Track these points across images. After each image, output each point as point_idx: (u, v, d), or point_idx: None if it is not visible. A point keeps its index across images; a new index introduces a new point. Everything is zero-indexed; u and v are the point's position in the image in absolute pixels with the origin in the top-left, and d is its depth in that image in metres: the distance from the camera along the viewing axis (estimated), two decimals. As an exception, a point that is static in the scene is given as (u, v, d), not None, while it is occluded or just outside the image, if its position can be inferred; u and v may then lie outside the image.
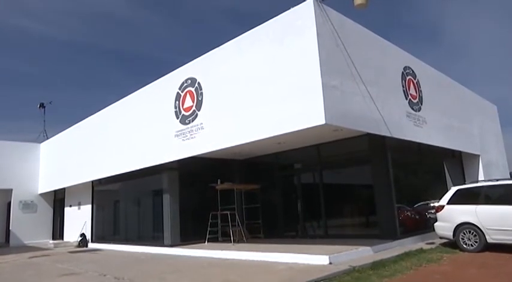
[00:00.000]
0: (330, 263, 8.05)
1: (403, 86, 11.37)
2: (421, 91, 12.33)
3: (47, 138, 23.15)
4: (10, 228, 20.85)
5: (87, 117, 18.11)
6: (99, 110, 17.05)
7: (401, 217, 11.54)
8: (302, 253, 8.91)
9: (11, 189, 21.04)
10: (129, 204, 16.59)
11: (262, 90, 9.38)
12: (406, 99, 11.41)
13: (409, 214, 12.46)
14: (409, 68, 11.97)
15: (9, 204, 21.40)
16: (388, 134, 10.05)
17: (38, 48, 51.59)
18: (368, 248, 9.24)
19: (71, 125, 19.66)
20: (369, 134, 10.02)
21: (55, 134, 21.79)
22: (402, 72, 11.54)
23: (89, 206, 18.48)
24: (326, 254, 8.29)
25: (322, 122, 7.94)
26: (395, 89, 11.04)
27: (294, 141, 11.02)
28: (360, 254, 8.87)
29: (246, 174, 14.23)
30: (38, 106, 26.49)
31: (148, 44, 58.53)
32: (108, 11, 52.22)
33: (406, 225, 11.65)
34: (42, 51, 52.66)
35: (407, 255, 8.86)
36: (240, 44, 10.37)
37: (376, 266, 7.72)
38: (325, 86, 8.10)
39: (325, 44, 8.46)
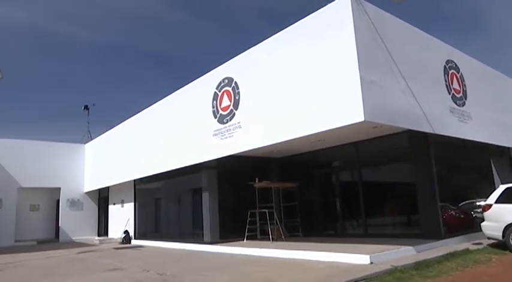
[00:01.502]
0: (371, 263, 7.89)
1: (445, 81, 10.96)
2: (465, 85, 11.84)
3: (91, 139, 24.18)
4: (59, 224, 21.96)
5: (128, 118, 18.75)
6: (140, 111, 17.60)
7: (445, 216, 11.13)
8: (342, 252, 8.80)
9: (59, 188, 22.16)
10: (169, 202, 17.01)
11: (299, 87, 9.34)
12: (449, 93, 10.99)
13: (454, 213, 11.99)
14: (452, 61, 11.52)
15: (57, 202, 22.53)
16: (430, 131, 9.73)
17: (81, 53, 53.87)
18: (410, 247, 8.98)
19: (113, 126, 20.45)
20: (409, 131, 9.74)
21: (98, 135, 22.75)
22: (444, 66, 11.13)
23: (132, 204, 19.11)
24: (367, 253, 8.14)
25: (361, 119, 7.79)
26: (437, 84, 10.66)
27: (332, 138, 10.88)
28: (401, 254, 8.64)
29: (284, 173, 14.21)
30: (83, 108, 27.77)
31: (184, 45, 59.70)
32: (146, 15, 53.70)
33: (450, 224, 11.22)
34: (85, 55, 54.96)
35: (452, 255, 8.53)
36: (275, 42, 10.37)
37: (419, 266, 7.50)
38: (363, 82, 7.95)
39: (363, 38, 8.30)
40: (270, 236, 12.25)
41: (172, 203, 16.78)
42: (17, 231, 20.40)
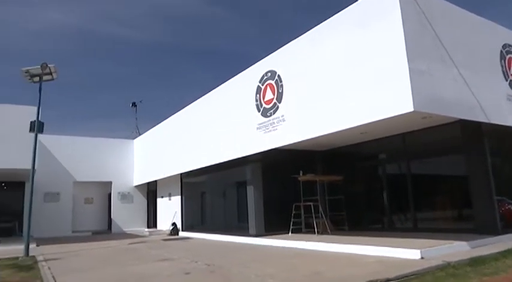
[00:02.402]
0: (422, 258, 7.64)
1: (502, 66, 10.32)
2: (524, 71, 11.09)
3: (139, 135, 25.07)
4: (111, 216, 23.05)
5: (174, 113, 19.25)
6: (184, 107, 18.01)
7: (502, 211, 10.53)
8: (390, 246, 8.57)
9: (111, 182, 23.23)
10: (214, 195, 17.34)
11: (344, 79, 9.16)
12: (506, 80, 10.34)
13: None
14: (510, 45, 10.81)
15: (109, 195, 23.64)
16: (484, 120, 9.22)
17: (125, 52, 55.82)
18: (463, 243, 8.58)
19: (160, 122, 21.09)
20: (461, 120, 9.28)
21: (146, 131, 23.55)
22: (501, 51, 10.47)
23: (179, 197, 19.68)
24: (417, 248, 7.88)
25: (410, 109, 7.52)
26: (492, 70, 10.06)
27: (378, 130, 10.59)
28: (454, 249, 8.28)
29: (328, 166, 14.03)
30: (131, 105, 28.84)
31: (227, 40, 60.22)
32: (188, 13, 54.69)
33: (507, 219, 10.61)
34: (129, 54, 56.90)
35: (510, 252, 8.07)
36: (319, 33, 10.21)
37: (475, 262, 7.15)
38: (412, 71, 7.65)
39: (410, 25, 7.98)
40: (315, 229, 12.17)
41: (217, 196, 17.09)
42: (73, 223, 21.63)
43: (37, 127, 12.45)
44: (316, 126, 9.93)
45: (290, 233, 12.87)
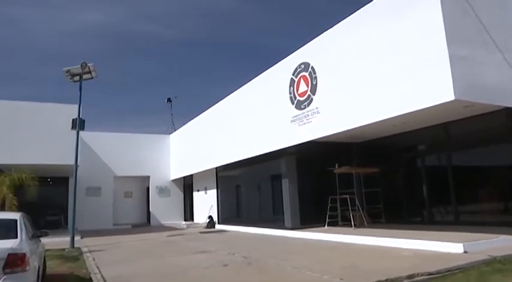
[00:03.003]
0: (465, 252, 7.38)
1: (551, 50, 9.70)
2: None
3: (175, 130, 25.56)
4: (150, 210, 23.71)
5: (208, 108, 19.46)
6: (218, 102, 18.17)
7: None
8: (430, 240, 8.34)
9: (149, 176, 23.87)
10: (249, 189, 17.45)
11: (380, 68, 8.93)
12: (556, 65, 9.72)
13: None
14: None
15: (147, 189, 24.31)
16: (533, 107, 8.72)
17: (160, 49, 56.89)
18: (510, 237, 8.20)
19: (194, 117, 21.40)
20: (507, 109, 8.82)
21: (181, 126, 23.98)
22: (549, 34, 9.83)
23: (214, 191, 19.95)
24: (459, 242, 7.62)
25: (451, 98, 7.23)
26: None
27: (417, 120, 10.23)
28: (500, 244, 7.91)
29: (365, 158, 13.73)
30: (166, 101, 29.43)
31: (257, 34, 60.10)
32: (217, 7, 54.94)
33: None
34: (164, 51, 57.93)
35: (562, 246, 7.64)
36: (352, 22, 9.99)
37: (523, 257, 6.83)
38: (452, 57, 7.35)
39: (450, 10, 7.65)
40: (352, 222, 12.00)
41: (252, 189, 17.18)
42: (114, 216, 22.42)
43: (78, 124, 12.94)
44: (352, 117, 9.75)
45: (326, 226, 12.76)
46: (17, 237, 5.11)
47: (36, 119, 15.79)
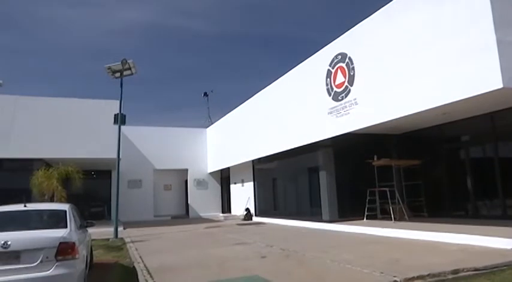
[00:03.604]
0: (514, 247, 7.05)
1: None
2: None
3: (211, 124, 25.88)
4: (188, 202, 24.23)
5: (244, 101, 19.56)
6: (254, 95, 18.20)
7: None
8: (476, 234, 8.02)
9: (187, 169, 24.37)
10: (286, 181, 17.43)
11: (421, 57, 8.62)
12: None
13: None
14: None
15: (186, 182, 24.83)
16: None
17: (197, 44, 57.60)
18: None
19: (231, 110, 21.57)
20: (560, 97, 8.28)
21: (218, 120, 24.25)
22: None
23: (251, 183, 20.09)
24: (508, 237, 7.28)
25: (499, 85, 6.88)
26: None
27: (461, 110, 9.82)
28: (554, 239, 7.50)
29: (404, 149, 13.36)
30: (202, 95, 29.81)
31: (293, 26, 59.53)
32: (252, 1, 54.88)
33: None
34: (201, 45, 58.61)
35: None
36: (391, 10, 9.69)
37: None
38: (500, 43, 6.98)
39: (498, -7, 7.24)
40: (392, 216, 11.74)
41: (289, 181, 17.16)
42: (154, 208, 23.10)
43: (120, 119, 13.39)
44: (391, 108, 9.50)
45: (365, 219, 12.56)
46: (66, 227, 5.37)
47: (81, 115, 16.49)
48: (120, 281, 6.72)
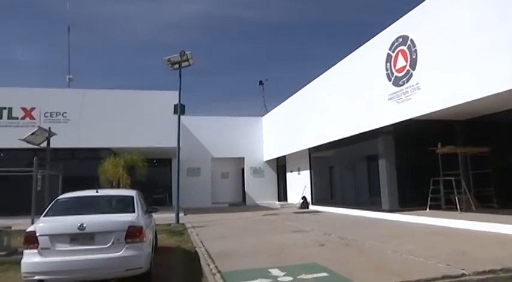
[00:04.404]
0: None
1: None
2: None
3: (267, 112, 25.97)
4: (245, 190, 24.64)
5: (299, 89, 19.38)
6: (310, 82, 17.96)
7: None
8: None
9: (243, 158, 24.73)
10: (343, 170, 17.13)
11: (493, 35, 8.00)
12: None
13: None
14: None
15: (242, 170, 25.22)
16: None
17: (252, 33, 57.78)
18: None
19: (286, 99, 21.48)
20: None
21: (273, 108, 24.28)
22: None
23: (307, 172, 19.99)
24: None
25: None
26: None
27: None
28: None
29: (471, 136, 12.55)
30: (258, 84, 29.93)
31: (348, 10, 57.75)
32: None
33: None
34: (256, 34, 58.72)
35: None
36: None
37: None
38: None
39: None
40: (458, 206, 11.15)
41: (346, 170, 16.85)
42: (212, 195, 23.75)
43: (179, 109, 13.85)
44: (458, 92, 8.95)
45: (427, 209, 12.04)
46: (134, 212, 5.68)
47: (143, 106, 17.29)
48: (184, 264, 7.01)
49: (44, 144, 10.09)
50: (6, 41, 55.61)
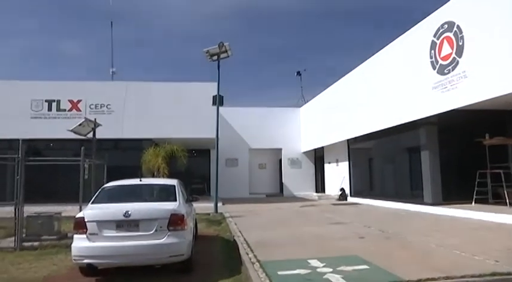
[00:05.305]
0: None
1: None
2: None
3: (305, 103, 25.73)
4: (282, 181, 24.65)
5: (339, 79, 19.03)
6: (350, 71, 17.59)
7: None
8: None
9: (281, 149, 24.72)
10: (383, 161, 16.74)
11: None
12: None
13: None
14: None
15: (280, 161, 25.23)
16: None
17: (290, 23, 57.22)
18: None
19: (324, 89, 21.17)
20: None
21: (311, 99, 24.02)
22: None
23: (346, 163, 19.68)
24: None
25: None
26: None
27: None
28: None
29: (523, 127, 11.88)
30: (296, 74, 29.65)
31: (390, -4, 55.85)
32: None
33: None
34: (294, 24, 58.14)
35: None
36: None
37: None
38: None
39: None
40: (507, 201, 10.62)
41: (386, 161, 16.45)
42: (250, 186, 23.94)
43: (218, 100, 13.99)
44: (509, 80, 8.45)
45: (473, 203, 11.55)
46: (176, 201, 5.83)
47: (183, 97, 17.61)
48: (223, 253, 7.13)
49: (90, 135, 10.51)
50: (56, 37, 58.13)
